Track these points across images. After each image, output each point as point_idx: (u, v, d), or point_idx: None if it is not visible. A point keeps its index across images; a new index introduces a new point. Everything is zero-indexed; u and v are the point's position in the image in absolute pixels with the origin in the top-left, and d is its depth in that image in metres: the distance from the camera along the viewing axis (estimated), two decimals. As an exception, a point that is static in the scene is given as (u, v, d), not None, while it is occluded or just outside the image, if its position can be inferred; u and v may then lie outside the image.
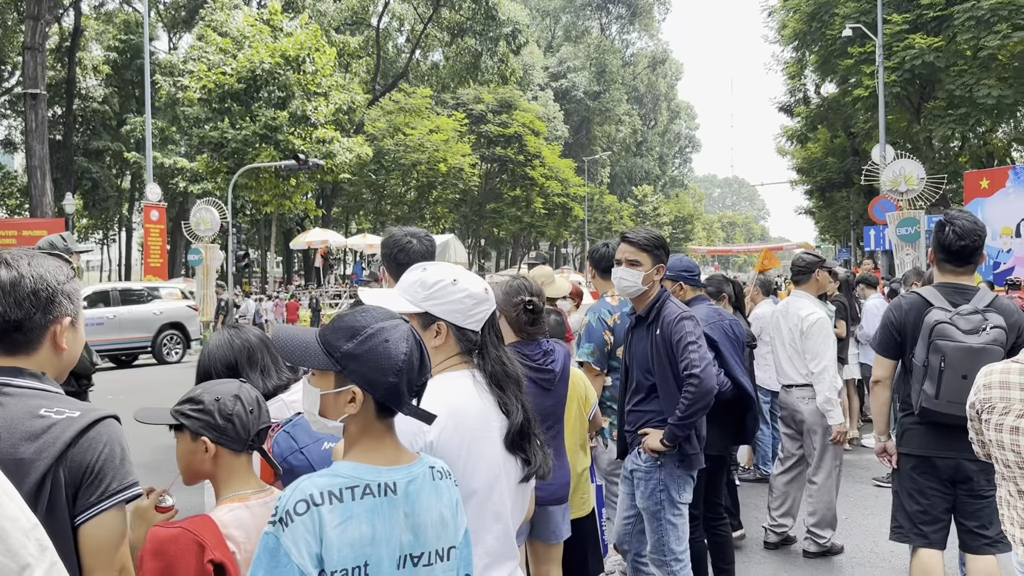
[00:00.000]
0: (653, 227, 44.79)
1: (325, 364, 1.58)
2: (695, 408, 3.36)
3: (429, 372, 1.64)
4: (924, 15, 22.92)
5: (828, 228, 51.52)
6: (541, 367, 3.11)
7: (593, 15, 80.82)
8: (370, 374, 1.54)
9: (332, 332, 1.59)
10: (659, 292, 3.63)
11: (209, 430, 1.93)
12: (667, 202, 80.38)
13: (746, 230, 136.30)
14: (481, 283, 2.00)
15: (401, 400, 1.57)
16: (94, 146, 42.63)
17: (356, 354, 1.55)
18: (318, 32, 30.76)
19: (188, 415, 1.94)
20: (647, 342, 3.59)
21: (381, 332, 1.56)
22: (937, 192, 19.01)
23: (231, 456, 1.95)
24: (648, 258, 3.57)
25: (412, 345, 1.58)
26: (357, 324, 1.58)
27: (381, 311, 1.63)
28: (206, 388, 2.00)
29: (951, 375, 3.33)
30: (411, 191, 39.58)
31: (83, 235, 54.21)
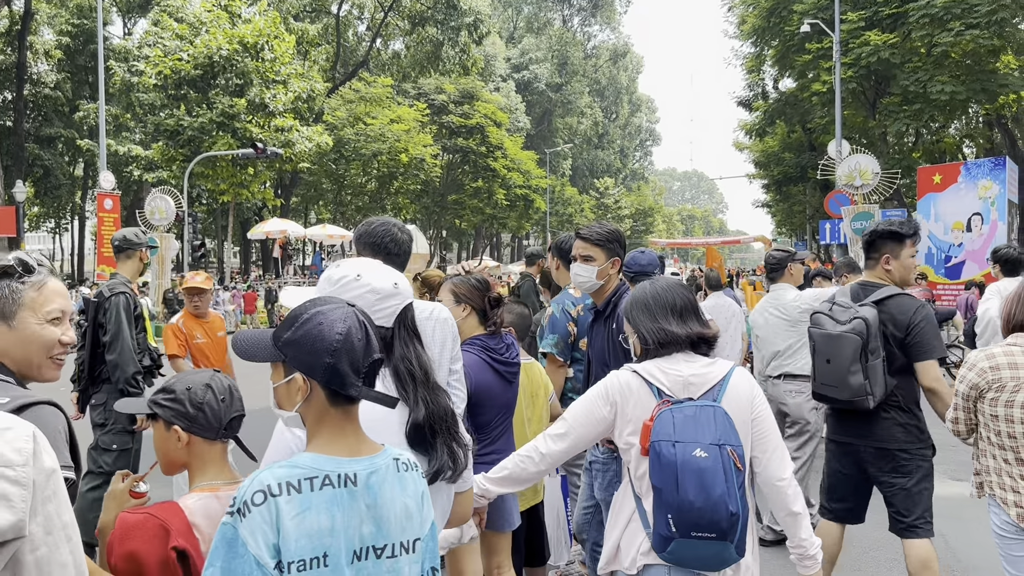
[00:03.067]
0: (614, 220, 45.13)
1: (272, 355, 1.61)
2: None
3: (378, 353, 1.61)
4: (880, 12, 23.33)
5: (784, 221, 52.35)
6: (506, 359, 3.16)
7: (555, 7, 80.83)
8: (307, 358, 1.55)
9: (280, 324, 1.63)
10: (616, 286, 3.63)
11: (180, 419, 1.96)
12: (628, 195, 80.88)
13: (705, 223, 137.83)
14: (390, 278, 1.97)
15: (345, 382, 1.55)
16: (46, 132, 41.52)
17: (293, 340, 1.56)
18: (277, 19, 30.35)
19: (161, 404, 1.98)
20: (604, 335, 3.60)
21: (316, 316, 1.57)
22: (891, 187, 19.41)
23: (204, 444, 1.98)
24: (602, 252, 3.56)
25: (352, 325, 1.56)
26: (298, 311, 1.60)
27: (327, 298, 1.65)
28: (179, 378, 2.03)
29: (819, 360, 3.73)
30: (372, 181, 39.26)
31: (34, 223, 52.91)
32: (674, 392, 2.37)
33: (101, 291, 4.82)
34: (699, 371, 2.40)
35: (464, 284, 3.20)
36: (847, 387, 3.60)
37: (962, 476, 6.78)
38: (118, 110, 35.68)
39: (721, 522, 2.19)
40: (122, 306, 4.71)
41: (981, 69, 22.52)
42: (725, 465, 2.21)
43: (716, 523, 2.19)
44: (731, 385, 2.40)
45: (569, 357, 4.29)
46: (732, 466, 2.23)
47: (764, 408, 2.46)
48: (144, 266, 5.17)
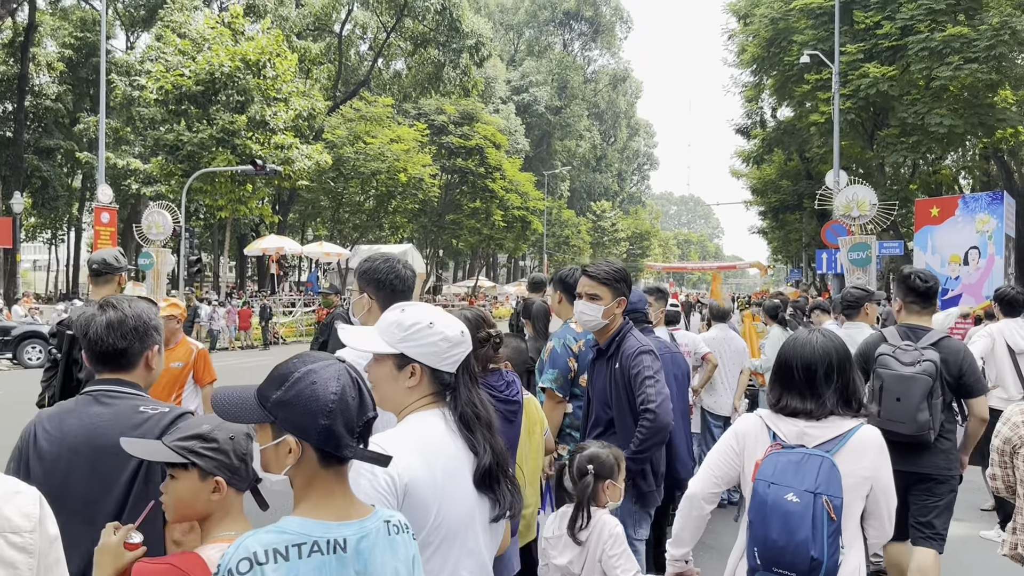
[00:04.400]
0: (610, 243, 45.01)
1: (260, 417, 1.52)
2: (649, 443, 3.33)
3: (372, 410, 1.56)
4: (879, 45, 23.50)
5: (781, 248, 52.54)
6: (507, 398, 3.09)
7: (556, 31, 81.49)
8: (300, 420, 1.48)
9: (265, 382, 1.55)
10: (620, 325, 3.59)
11: (223, 470, 1.87)
12: (625, 218, 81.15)
13: (701, 248, 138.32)
14: (458, 326, 2.01)
15: (340, 443, 1.49)
16: (45, 144, 41.54)
17: (284, 401, 1.49)
18: (280, 37, 30.49)
19: (202, 454, 1.87)
20: (606, 375, 3.56)
21: (309, 375, 1.50)
22: (888, 218, 19.46)
23: (233, 495, 1.92)
24: (608, 292, 3.53)
25: (345, 383, 1.51)
26: (287, 370, 1.53)
27: (316, 354, 1.58)
28: (215, 425, 1.92)
29: (887, 397, 4.01)
30: (370, 200, 39.30)
31: (31, 234, 52.83)
32: (788, 438, 2.54)
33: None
34: (820, 424, 2.54)
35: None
36: (914, 423, 3.96)
37: (962, 516, 6.72)
38: (118, 123, 35.74)
39: (800, 564, 2.34)
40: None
41: (979, 103, 22.66)
42: (816, 512, 2.35)
43: (796, 564, 2.35)
44: (853, 440, 2.52)
45: (569, 393, 4.22)
46: (824, 515, 2.36)
47: (884, 473, 2.59)
48: (120, 291, 4.89)
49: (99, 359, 2.24)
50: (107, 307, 2.25)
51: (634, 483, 3.45)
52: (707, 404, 7.14)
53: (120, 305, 2.27)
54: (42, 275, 68.21)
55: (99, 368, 2.26)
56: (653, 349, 3.51)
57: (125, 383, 2.24)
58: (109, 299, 2.30)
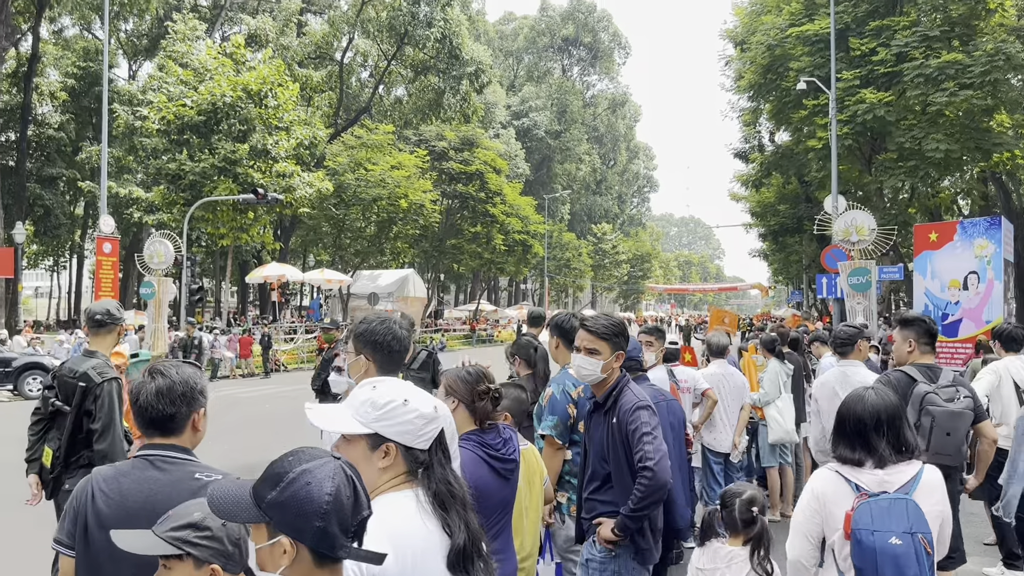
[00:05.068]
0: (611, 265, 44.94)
1: (255, 517, 1.52)
2: (648, 501, 3.33)
3: (367, 509, 1.56)
4: (875, 71, 23.65)
5: (781, 270, 52.57)
6: (503, 456, 3.05)
7: (555, 57, 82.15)
8: (295, 521, 1.48)
9: (260, 482, 1.55)
10: (617, 378, 3.62)
11: (218, 557, 1.85)
12: (626, 240, 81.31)
13: (702, 269, 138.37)
14: (431, 401, 1.98)
15: (335, 544, 1.49)
16: (48, 173, 41.76)
17: (279, 502, 1.49)
18: (281, 67, 30.74)
19: (196, 544, 1.84)
20: (604, 429, 3.57)
21: (303, 475, 1.50)
22: (888, 243, 19.52)
23: None
24: (607, 347, 3.56)
25: (340, 483, 1.51)
26: (281, 470, 1.53)
27: (311, 452, 1.58)
28: (206, 512, 1.85)
29: (938, 432, 4.31)
30: (371, 226, 39.45)
31: (33, 262, 52.97)
32: (870, 487, 2.78)
33: (86, 373, 4.46)
34: (892, 470, 2.82)
35: (454, 377, 3.10)
36: (959, 455, 4.38)
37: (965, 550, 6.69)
38: (120, 152, 35.95)
39: None
40: (116, 394, 4.47)
41: (975, 127, 22.76)
42: (917, 550, 2.64)
43: None
44: (923, 481, 2.82)
45: (568, 440, 4.23)
46: (923, 551, 2.65)
47: (945, 503, 2.88)
48: (118, 340, 4.97)
49: (149, 424, 2.38)
50: (156, 374, 2.39)
51: (632, 540, 3.45)
52: (707, 441, 7.14)
53: (168, 372, 2.40)
54: (44, 302, 68.32)
55: (149, 432, 2.40)
56: (650, 404, 3.53)
57: (177, 448, 2.39)
58: (157, 366, 2.43)
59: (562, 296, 72.54)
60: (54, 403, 4.52)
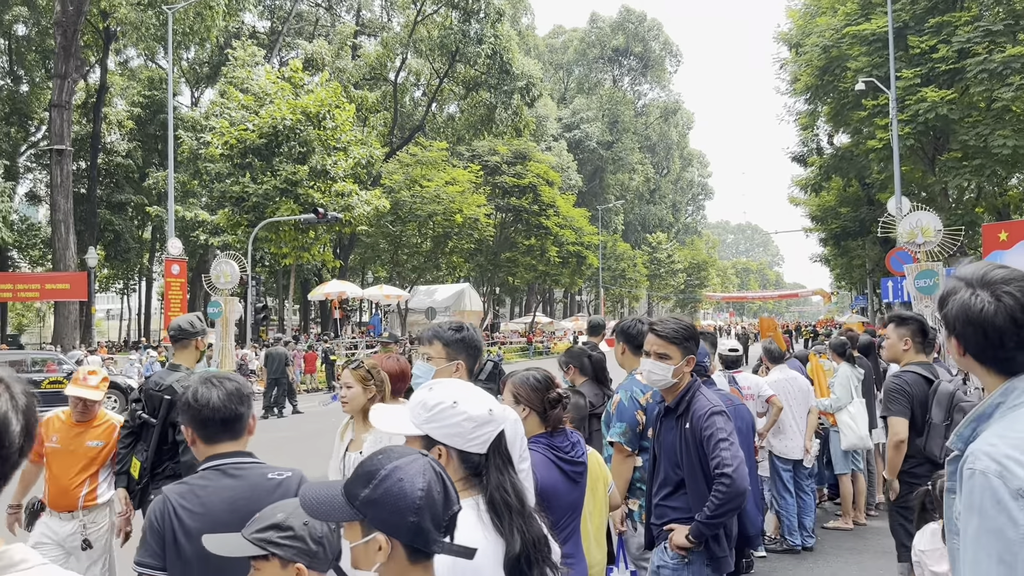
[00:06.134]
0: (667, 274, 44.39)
1: (349, 515, 1.55)
2: (725, 508, 3.30)
3: (457, 504, 1.58)
4: (936, 68, 23.12)
5: (843, 276, 51.39)
6: (572, 459, 3.07)
7: (606, 68, 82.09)
8: (390, 517, 1.50)
9: (352, 480, 1.58)
10: (689, 383, 3.57)
11: (303, 556, 1.88)
12: (681, 249, 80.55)
13: (760, 276, 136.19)
14: (485, 404, 1.92)
15: (428, 539, 1.52)
16: (117, 199, 43.34)
17: (373, 499, 1.52)
18: (338, 89, 31.40)
19: (279, 544, 1.88)
20: (676, 435, 3.52)
21: (395, 471, 1.53)
22: (955, 244, 18.99)
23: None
24: (678, 351, 3.50)
25: (431, 479, 1.53)
26: (372, 467, 1.55)
27: (400, 449, 1.62)
28: (289, 512, 1.92)
29: None
30: (427, 241, 39.89)
31: (104, 285, 54.84)
32: None
33: (171, 386, 4.59)
34: None
35: (523, 384, 3.12)
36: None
37: None
38: (185, 177, 37.09)
39: None
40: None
41: (1044, 122, 22.12)
42: None
43: None
44: None
45: (637, 446, 4.21)
46: None
47: None
48: (201, 353, 5.02)
49: (221, 427, 2.46)
50: (211, 384, 2.48)
51: (707, 547, 3.42)
52: (776, 448, 7.03)
53: (221, 380, 2.51)
54: (115, 324, 70.59)
55: (217, 438, 2.47)
56: (725, 410, 3.49)
57: (240, 453, 2.48)
58: (208, 377, 2.52)
59: (618, 307, 72.13)
60: (141, 415, 4.65)
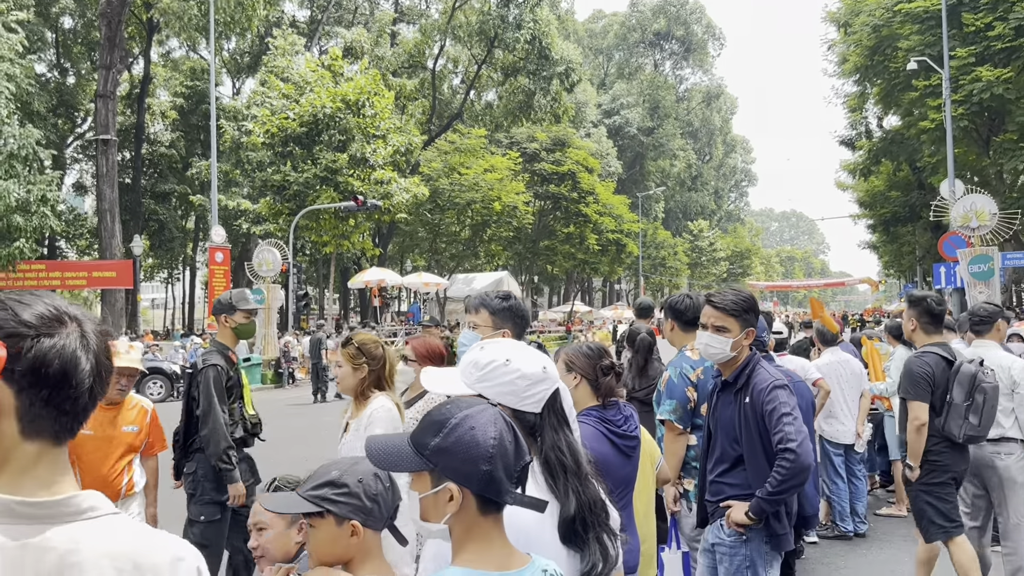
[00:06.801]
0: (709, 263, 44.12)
1: (418, 465, 1.52)
2: (788, 484, 3.15)
3: (528, 455, 1.54)
4: (992, 47, 22.35)
5: (892, 263, 50.35)
6: (625, 433, 2.96)
7: (646, 52, 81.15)
8: (462, 466, 1.47)
9: (420, 430, 1.54)
10: (748, 357, 3.41)
11: (357, 513, 1.89)
12: (723, 237, 79.63)
13: (805, 264, 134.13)
14: (538, 362, 1.86)
15: (501, 489, 1.48)
16: (161, 189, 43.98)
17: (444, 447, 1.48)
18: (377, 77, 31.43)
19: (334, 500, 1.89)
20: (734, 409, 3.37)
21: (466, 420, 1.49)
22: (1011, 228, 18.38)
23: (371, 536, 1.94)
24: (736, 324, 3.36)
25: (502, 428, 1.50)
26: (442, 417, 1.52)
27: (466, 400, 1.59)
28: (343, 469, 1.95)
29: (989, 408, 4.51)
30: (466, 229, 39.86)
31: (148, 274, 55.83)
32: None
33: (195, 362, 4.72)
34: None
35: (576, 352, 3.04)
36: (991, 427, 4.63)
37: None
38: (228, 166, 37.48)
39: None
40: (212, 380, 4.58)
41: (1106, 101, 21.28)
42: None
43: None
44: None
45: (690, 423, 4.09)
46: None
47: None
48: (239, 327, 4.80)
49: None
50: None
51: (767, 524, 3.26)
52: (827, 433, 6.79)
53: None
54: (160, 312, 71.91)
55: None
56: (787, 384, 3.32)
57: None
58: None
59: (658, 296, 71.61)
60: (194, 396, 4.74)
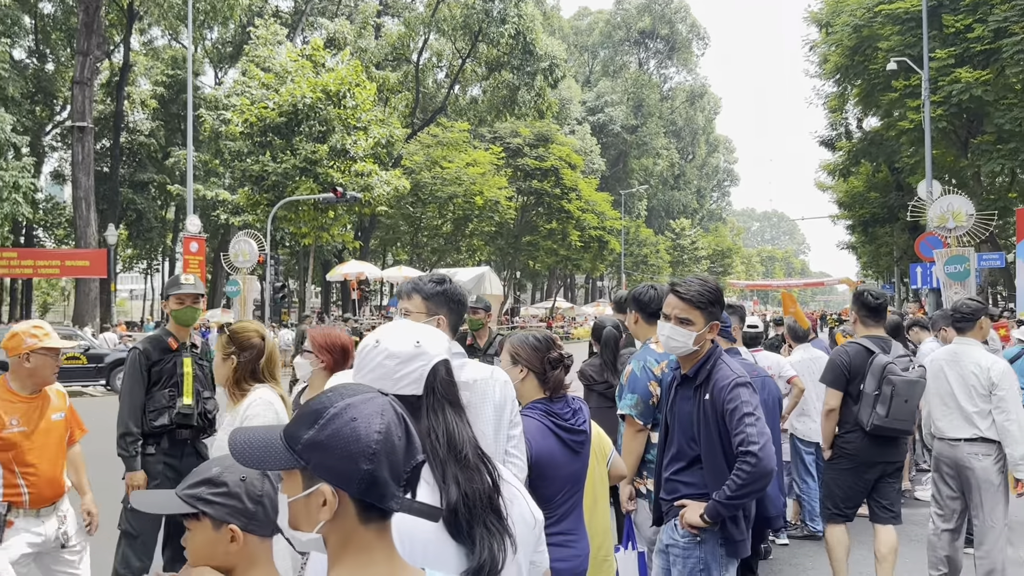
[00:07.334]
0: (690, 261, 44.20)
1: (288, 462, 1.26)
2: (748, 489, 2.97)
3: (421, 454, 1.31)
4: (971, 48, 22.46)
5: (871, 263, 50.70)
6: (572, 427, 2.85)
7: (631, 50, 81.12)
8: (339, 464, 1.22)
9: (294, 421, 1.30)
10: (710, 350, 3.24)
11: (237, 516, 1.64)
12: (705, 236, 79.80)
13: (786, 264, 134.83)
14: (410, 337, 1.67)
15: (385, 493, 1.23)
16: (139, 178, 43.50)
17: (318, 441, 1.23)
18: (359, 67, 31.14)
19: (210, 501, 1.63)
20: (693, 405, 3.21)
21: (347, 410, 1.25)
22: (987, 229, 18.48)
23: (257, 542, 1.68)
24: (701, 316, 3.17)
25: (391, 421, 1.26)
26: (320, 406, 1.27)
27: (352, 387, 1.34)
28: (225, 466, 1.70)
29: (898, 400, 4.60)
30: (447, 224, 39.66)
31: (127, 265, 55.26)
32: None
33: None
34: None
35: (522, 343, 2.91)
36: (911, 420, 4.70)
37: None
38: (207, 156, 37.10)
39: None
40: (130, 362, 4.47)
41: (1082, 105, 21.43)
42: None
43: None
44: None
45: (651, 420, 3.94)
46: None
47: None
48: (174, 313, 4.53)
49: None
50: None
51: (723, 528, 3.11)
52: (798, 431, 6.74)
53: None
54: (139, 304, 71.26)
55: None
56: (750, 381, 3.14)
57: None
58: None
59: (640, 293, 71.60)
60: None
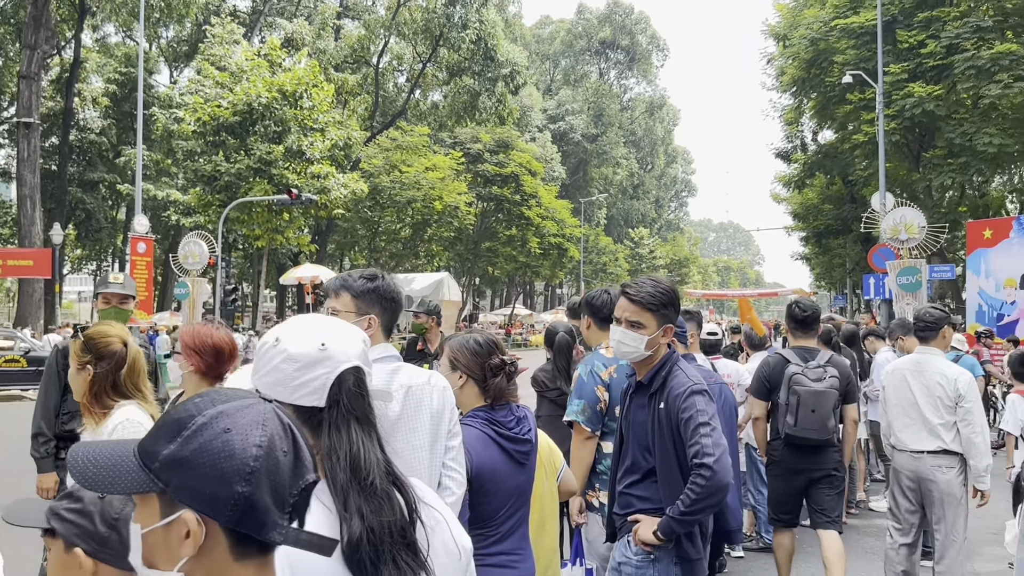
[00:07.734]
0: (648, 270, 44.41)
1: (140, 484, 0.99)
2: (703, 504, 2.81)
3: (312, 472, 1.05)
4: (924, 64, 22.86)
5: (824, 275, 51.41)
6: (516, 436, 2.62)
7: (592, 60, 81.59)
8: (206, 486, 0.96)
9: (151, 434, 1.03)
10: (665, 356, 3.07)
11: (86, 539, 1.34)
12: (663, 245, 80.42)
13: (741, 275, 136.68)
14: (315, 338, 1.41)
15: (265, 521, 0.98)
16: (89, 177, 42.32)
17: (180, 458, 0.97)
18: (316, 68, 30.70)
19: (61, 517, 1.35)
20: (648, 414, 3.05)
21: (219, 419, 0.99)
22: (937, 242, 18.72)
23: (109, 573, 1.35)
24: (653, 319, 3.00)
25: (274, 432, 1.01)
26: (184, 414, 1.01)
27: (225, 392, 1.07)
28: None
29: (804, 410, 4.70)
30: (406, 228, 39.28)
31: (76, 266, 53.78)
32: None
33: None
34: None
35: (461, 348, 2.66)
36: (825, 430, 4.75)
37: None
38: (159, 156, 36.25)
39: None
40: (48, 363, 4.38)
41: (1030, 122, 21.94)
42: None
43: None
44: None
45: (600, 426, 3.76)
46: None
47: None
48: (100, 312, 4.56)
49: None
50: None
51: (678, 545, 2.93)
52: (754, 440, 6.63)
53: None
54: (87, 306, 69.46)
55: None
56: (707, 389, 2.97)
57: None
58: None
59: (599, 301, 71.92)
60: None
